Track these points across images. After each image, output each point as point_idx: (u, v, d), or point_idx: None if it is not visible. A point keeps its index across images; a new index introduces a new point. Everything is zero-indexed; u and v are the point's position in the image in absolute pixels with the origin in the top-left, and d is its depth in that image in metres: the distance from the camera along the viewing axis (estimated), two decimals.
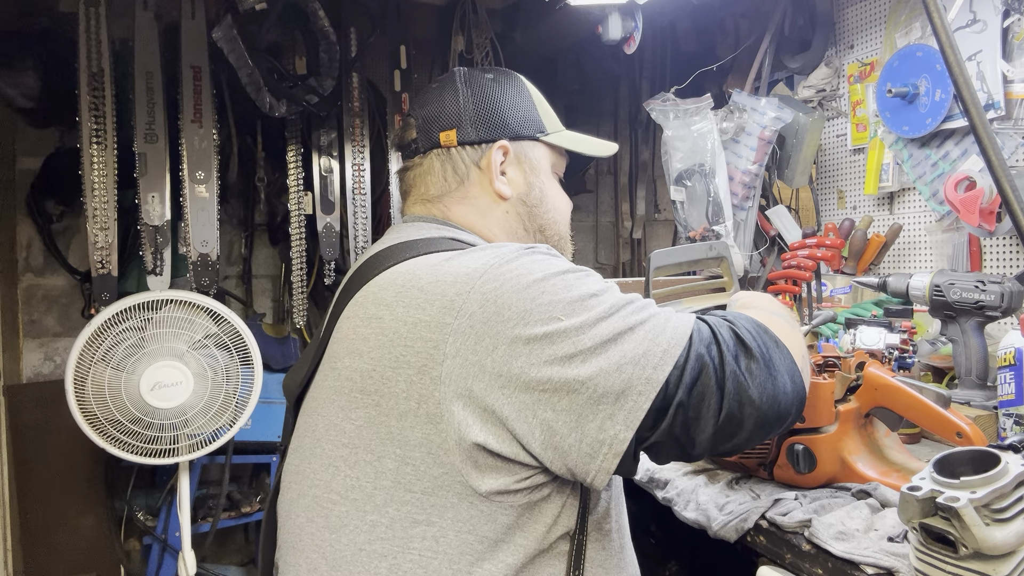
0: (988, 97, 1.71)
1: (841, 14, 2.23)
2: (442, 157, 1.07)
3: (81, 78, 2.07)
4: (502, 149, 1.06)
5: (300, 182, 2.51)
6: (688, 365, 0.80)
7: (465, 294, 0.82)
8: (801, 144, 2.21)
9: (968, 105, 1.06)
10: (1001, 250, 1.79)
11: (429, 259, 0.91)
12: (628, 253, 3.36)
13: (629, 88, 3.16)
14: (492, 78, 1.11)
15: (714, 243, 1.36)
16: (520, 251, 0.88)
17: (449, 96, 1.08)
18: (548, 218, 1.11)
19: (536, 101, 1.13)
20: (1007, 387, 1.22)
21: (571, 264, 0.89)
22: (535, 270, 0.84)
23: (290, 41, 2.52)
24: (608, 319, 0.81)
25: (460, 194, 1.07)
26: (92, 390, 2.00)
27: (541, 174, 1.10)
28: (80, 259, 2.60)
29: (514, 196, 1.08)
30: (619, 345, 0.79)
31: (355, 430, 0.87)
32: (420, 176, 1.09)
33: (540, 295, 0.81)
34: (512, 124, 1.08)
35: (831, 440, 1.11)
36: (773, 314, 0.97)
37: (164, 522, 2.49)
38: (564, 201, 1.15)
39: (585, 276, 0.87)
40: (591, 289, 0.84)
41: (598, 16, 2.17)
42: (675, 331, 0.82)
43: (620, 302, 0.84)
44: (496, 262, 0.85)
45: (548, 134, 1.11)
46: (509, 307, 0.80)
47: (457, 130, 1.06)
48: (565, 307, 0.81)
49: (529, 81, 1.16)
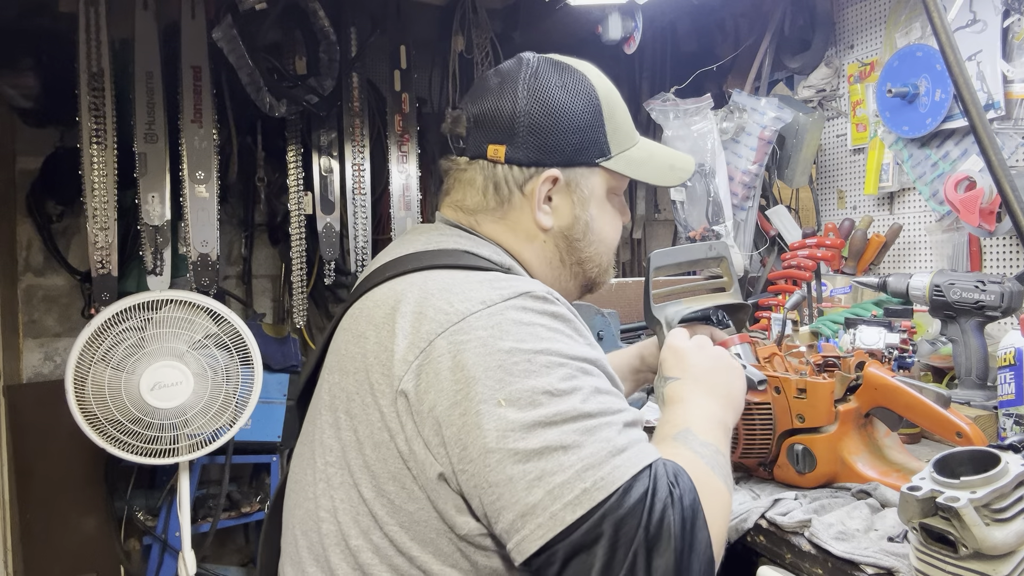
0: (988, 97, 1.71)
1: (841, 14, 2.23)
2: (486, 171, 0.98)
3: (81, 78, 2.07)
4: (551, 179, 0.96)
5: (300, 182, 2.51)
6: (595, 524, 0.70)
7: (435, 336, 0.79)
8: (801, 144, 2.21)
9: (968, 105, 1.06)
10: (1001, 250, 1.79)
11: (426, 281, 0.86)
12: (628, 253, 3.36)
13: (629, 88, 3.15)
14: (561, 85, 0.97)
15: (714, 243, 1.36)
16: (512, 301, 0.81)
17: (507, 100, 0.96)
18: (590, 252, 1.02)
19: (607, 115, 0.99)
20: (1007, 387, 1.22)
21: (555, 339, 0.80)
22: (509, 337, 0.78)
23: (290, 41, 2.52)
24: (547, 428, 0.74)
25: (498, 215, 0.99)
26: (92, 390, 2.00)
27: (591, 205, 1.00)
28: (80, 259, 2.60)
29: (555, 228, 0.99)
30: (542, 461, 0.72)
31: (340, 451, 0.86)
32: (460, 183, 1.01)
33: (496, 369, 0.76)
34: (569, 149, 0.96)
35: (831, 440, 1.11)
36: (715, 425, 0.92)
37: (164, 522, 2.49)
38: (613, 229, 1.04)
39: (557, 366, 0.78)
40: (550, 384, 0.76)
41: (598, 16, 2.17)
42: (610, 473, 0.72)
43: (572, 412, 0.75)
44: (478, 310, 0.80)
45: (610, 157, 0.99)
46: (463, 367, 0.76)
47: (507, 147, 0.96)
48: (511, 393, 0.75)
49: (607, 81, 1.03)
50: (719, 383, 0.99)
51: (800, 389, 1.11)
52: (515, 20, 2.77)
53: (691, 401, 0.96)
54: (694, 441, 0.87)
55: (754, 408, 1.14)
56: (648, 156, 1.04)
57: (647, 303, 1.28)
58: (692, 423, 0.90)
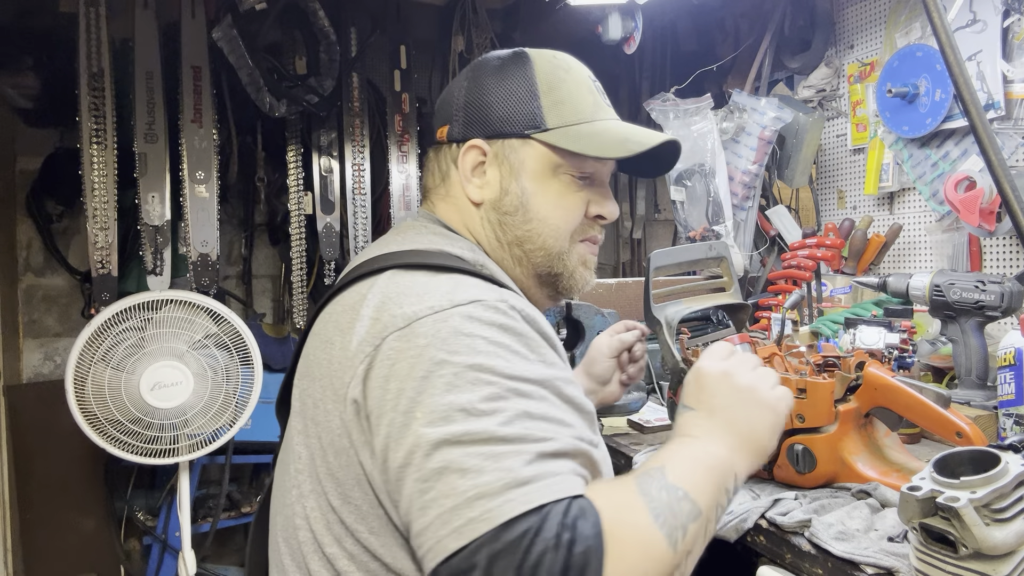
0: (988, 97, 1.71)
1: (841, 14, 2.23)
2: (437, 152, 1.03)
3: (81, 78, 2.07)
4: (476, 149, 0.97)
5: (300, 182, 2.51)
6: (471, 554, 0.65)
7: (381, 340, 0.78)
8: (801, 144, 2.21)
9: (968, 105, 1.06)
10: (1001, 250, 1.79)
11: (389, 283, 0.85)
12: (628, 253, 3.36)
13: (629, 88, 3.16)
14: (498, 64, 0.99)
15: (714, 243, 1.36)
16: (461, 309, 0.78)
17: (455, 86, 1.01)
18: (528, 229, 0.97)
19: (544, 88, 0.97)
20: (1007, 387, 1.22)
21: (494, 354, 0.75)
22: (444, 348, 0.75)
23: (290, 41, 2.52)
24: (452, 447, 0.70)
25: (443, 191, 1.02)
26: (92, 390, 2.00)
27: (524, 178, 0.96)
28: (80, 259, 2.60)
29: (487, 201, 0.98)
30: (439, 483, 0.69)
31: (308, 458, 0.85)
32: (425, 169, 1.06)
33: (421, 380, 0.74)
34: (494, 120, 0.96)
35: (831, 440, 1.11)
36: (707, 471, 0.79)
37: (164, 522, 2.49)
38: (559, 210, 0.97)
39: (485, 384, 0.73)
40: (469, 402, 0.71)
41: (598, 16, 2.17)
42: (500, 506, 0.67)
43: (482, 435, 0.70)
44: (425, 315, 0.78)
45: (547, 130, 0.96)
46: (396, 377, 0.75)
47: (449, 126, 0.99)
48: (428, 407, 0.72)
49: (563, 60, 1.01)
50: (739, 420, 0.86)
51: (800, 389, 1.11)
52: (515, 20, 2.77)
53: (692, 438, 0.85)
54: (654, 484, 0.75)
55: None
56: (599, 131, 0.97)
57: (647, 303, 1.28)
58: (671, 463, 0.79)
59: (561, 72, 0.99)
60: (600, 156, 0.96)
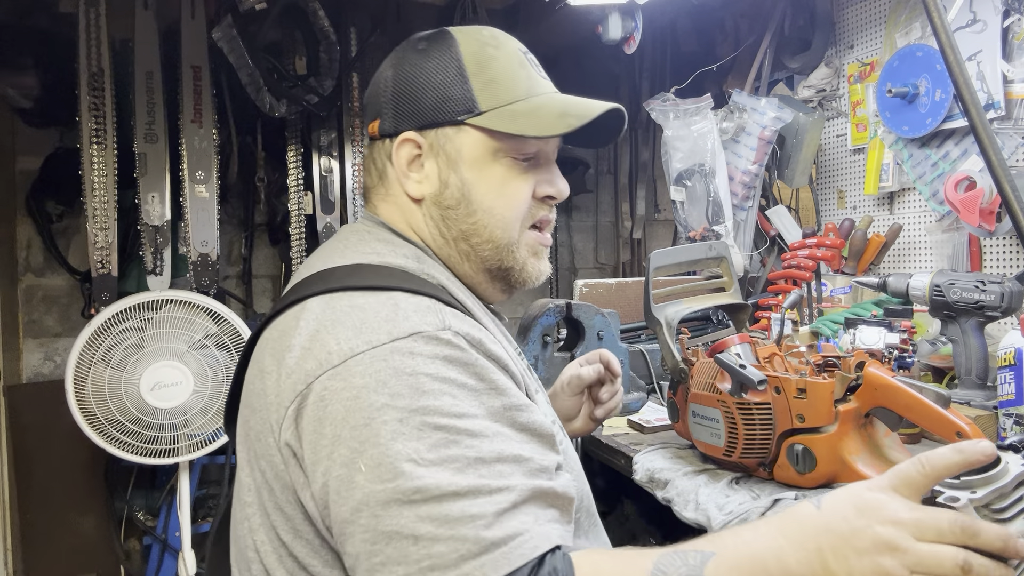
0: (988, 97, 1.71)
1: (841, 14, 2.23)
2: (371, 149, 0.96)
3: (81, 78, 2.08)
4: (409, 142, 0.90)
5: (300, 182, 2.51)
6: None
7: (314, 379, 0.72)
8: (801, 144, 2.21)
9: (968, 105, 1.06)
10: (1001, 250, 1.79)
11: (325, 309, 0.78)
12: (628, 253, 3.36)
13: (629, 88, 3.15)
14: (423, 48, 0.92)
15: (714, 243, 1.36)
16: (399, 344, 0.72)
17: (380, 74, 0.95)
18: (473, 222, 0.90)
19: (473, 70, 0.89)
20: (1007, 387, 1.22)
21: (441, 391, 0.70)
22: (384, 390, 0.69)
23: (290, 41, 2.52)
24: (403, 507, 0.65)
25: (383, 191, 0.95)
26: (92, 390, 2.01)
27: (462, 168, 0.89)
28: (80, 259, 2.60)
29: (427, 197, 0.91)
30: (390, 547, 0.65)
31: (255, 490, 0.80)
32: (363, 167, 1.00)
33: (362, 428, 0.68)
34: (424, 110, 0.89)
35: (831, 440, 1.11)
36: None
37: (164, 522, 2.49)
38: (503, 198, 0.90)
39: (433, 429, 0.68)
40: (416, 452, 0.67)
41: (598, 16, 2.17)
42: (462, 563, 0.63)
43: (433, 491, 0.65)
44: (362, 351, 0.72)
45: (480, 113, 0.88)
46: (331, 422, 0.70)
47: (380, 120, 0.93)
48: (372, 459, 0.67)
49: (490, 35, 0.93)
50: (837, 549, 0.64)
51: (800, 389, 1.11)
52: (515, 20, 2.77)
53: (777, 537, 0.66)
54: (683, 569, 0.65)
55: (754, 408, 1.14)
56: (535, 108, 0.90)
57: (647, 303, 1.28)
58: (724, 554, 0.66)
59: (490, 49, 0.92)
60: (540, 135, 0.90)
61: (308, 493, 0.73)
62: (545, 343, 1.59)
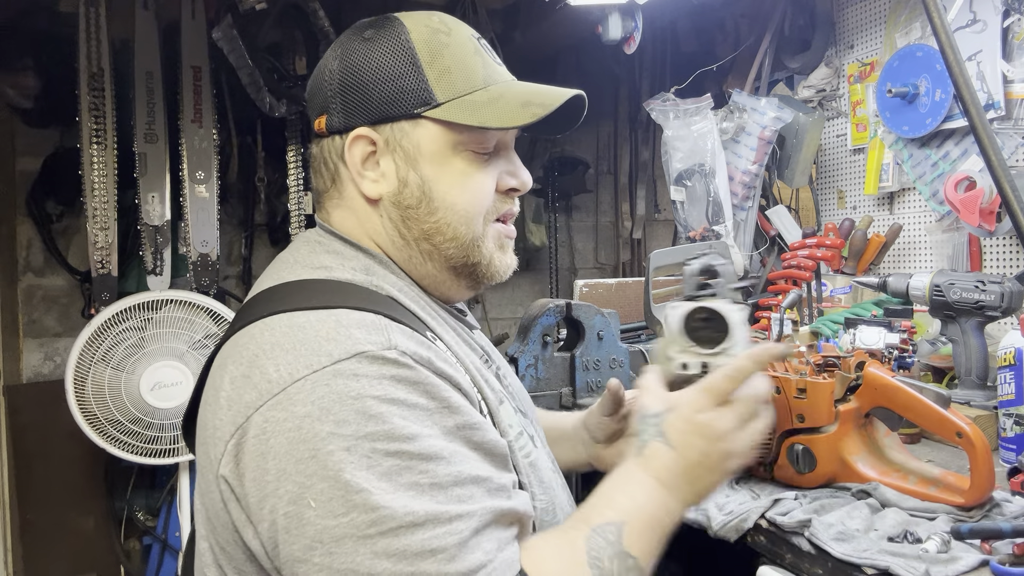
0: (988, 97, 1.71)
1: (841, 14, 2.23)
2: (318, 147, 0.89)
3: (81, 78, 2.08)
4: (363, 139, 0.84)
5: (300, 182, 2.51)
6: None
7: (253, 410, 0.68)
8: (801, 144, 2.21)
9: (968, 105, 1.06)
10: (1001, 250, 1.79)
11: (263, 332, 0.74)
12: (628, 253, 3.36)
13: (629, 88, 3.16)
14: (370, 35, 0.86)
15: (714, 243, 1.36)
16: (342, 366, 0.68)
17: (324, 65, 0.88)
18: (435, 221, 0.85)
19: (427, 59, 0.84)
20: (1007, 387, 1.22)
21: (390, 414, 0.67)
22: (328, 418, 0.66)
23: (290, 41, 2.52)
24: (359, 543, 0.63)
25: (336, 195, 0.89)
26: (92, 390, 2.01)
27: (422, 164, 0.84)
28: (80, 259, 2.60)
29: (385, 197, 0.86)
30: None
31: (205, 524, 0.76)
32: (312, 168, 0.92)
33: (308, 461, 0.65)
34: (376, 103, 0.83)
35: (831, 440, 1.11)
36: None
37: (164, 522, 2.49)
38: (465, 192, 0.85)
39: (383, 456, 0.65)
40: (368, 482, 0.64)
41: (598, 16, 2.17)
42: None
43: (389, 523, 0.63)
44: (302, 376, 0.68)
45: (438, 105, 0.83)
46: (274, 456, 0.66)
47: (327, 116, 0.86)
48: (321, 493, 0.64)
49: (441, 22, 0.87)
50: (702, 479, 0.82)
51: (800, 389, 1.11)
52: (515, 20, 2.77)
53: (660, 485, 0.80)
54: (607, 551, 0.72)
55: None
56: (495, 98, 0.85)
57: (647, 303, 1.28)
58: (631, 521, 0.76)
59: (442, 36, 0.86)
60: (503, 127, 0.84)
61: (251, 531, 0.69)
62: (545, 343, 1.59)
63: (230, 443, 0.69)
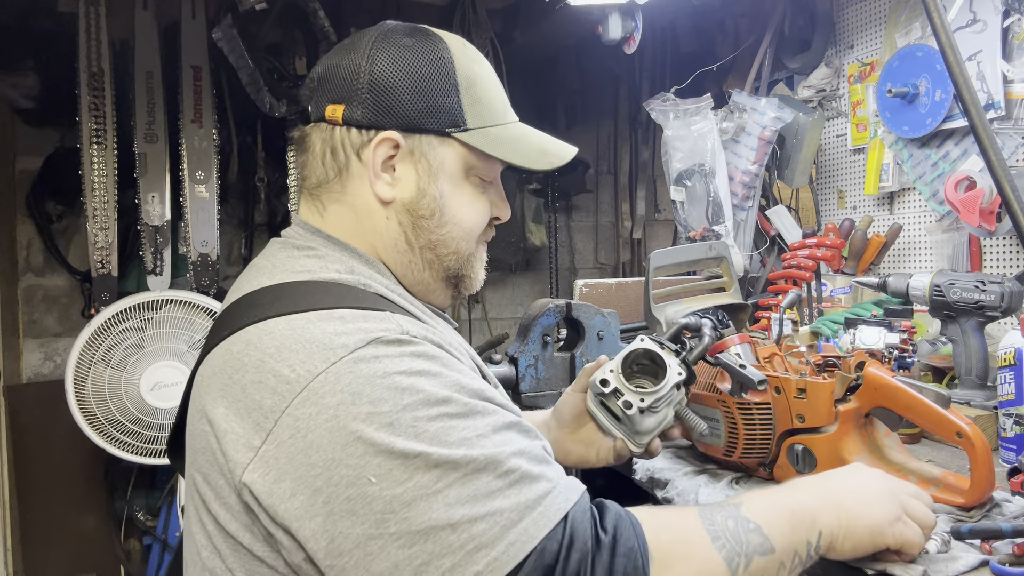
0: (988, 97, 1.71)
1: (841, 14, 2.23)
2: (324, 135, 0.87)
3: (81, 78, 2.08)
4: (390, 142, 0.85)
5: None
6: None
7: (280, 412, 0.68)
8: (801, 144, 2.21)
9: (968, 105, 1.06)
10: (1001, 250, 1.79)
11: (262, 338, 0.73)
12: (628, 253, 3.36)
13: (629, 88, 3.16)
14: (412, 44, 0.88)
15: (714, 243, 1.36)
16: (361, 352, 0.69)
17: (351, 55, 0.87)
18: (442, 234, 0.89)
19: (464, 84, 0.88)
20: (1007, 387, 1.22)
21: (419, 384, 0.69)
22: (363, 400, 0.66)
23: (290, 41, 2.52)
24: (431, 500, 0.64)
25: (338, 188, 0.88)
26: (92, 390, 2.01)
27: (441, 179, 0.88)
28: (80, 259, 2.60)
29: (398, 201, 0.87)
30: (429, 543, 0.64)
31: (208, 534, 0.74)
32: (303, 153, 0.90)
33: (356, 443, 0.65)
34: (413, 112, 0.85)
35: (831, 440, 1.11)
36: None
37: (164, 522, 2.49)
38: (472, 213, 0.92)
39: (427, 421, 0.67)
40: (422, 447, 0.66)
41: (598, 16, 2.17)
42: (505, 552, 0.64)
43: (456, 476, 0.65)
44: (322, 370, 0.68)
45: (467, 130, 0.88)
46: (318, 448, 0.66)
47: (346, 106, 0.85)
48: (379, 468, 0.65)
49: (475, 55, 0.92)
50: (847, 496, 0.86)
51: (800, 389, 1.11)
52: (515, 20, 2.77)
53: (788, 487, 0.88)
54: (720, 513, 0.76)
55: (754, 408, 1.14)
56: (517, 137, 0.93)
57: (647, 303, 1.28)
58: (750, 500, 0.80)
59: (476, 66, 0.91)
60: (525, 166, 0.92)
61: (285, 537, 0.68)
62: (545, 343, 1.59)
63: (260, 449, 0.68)
